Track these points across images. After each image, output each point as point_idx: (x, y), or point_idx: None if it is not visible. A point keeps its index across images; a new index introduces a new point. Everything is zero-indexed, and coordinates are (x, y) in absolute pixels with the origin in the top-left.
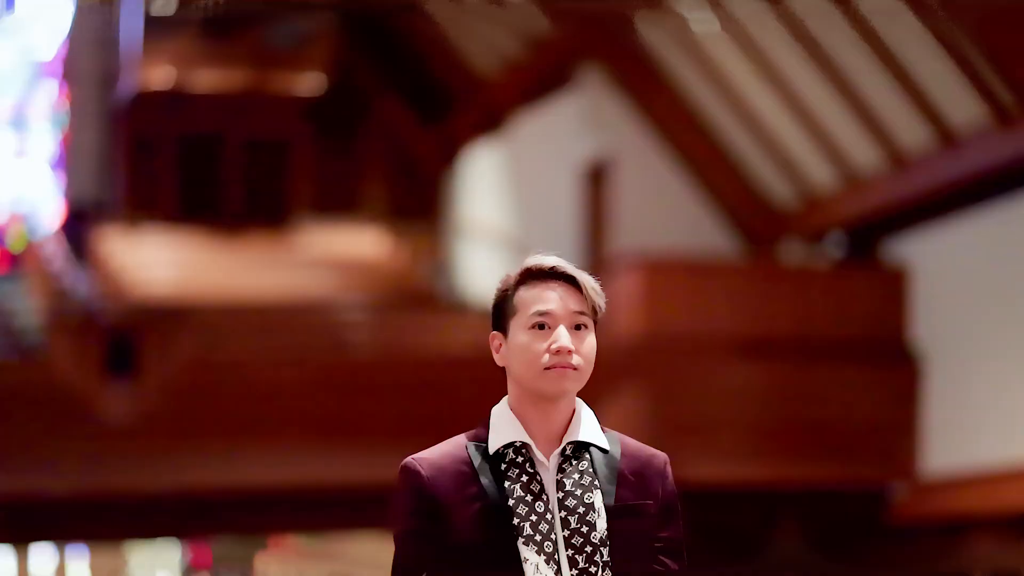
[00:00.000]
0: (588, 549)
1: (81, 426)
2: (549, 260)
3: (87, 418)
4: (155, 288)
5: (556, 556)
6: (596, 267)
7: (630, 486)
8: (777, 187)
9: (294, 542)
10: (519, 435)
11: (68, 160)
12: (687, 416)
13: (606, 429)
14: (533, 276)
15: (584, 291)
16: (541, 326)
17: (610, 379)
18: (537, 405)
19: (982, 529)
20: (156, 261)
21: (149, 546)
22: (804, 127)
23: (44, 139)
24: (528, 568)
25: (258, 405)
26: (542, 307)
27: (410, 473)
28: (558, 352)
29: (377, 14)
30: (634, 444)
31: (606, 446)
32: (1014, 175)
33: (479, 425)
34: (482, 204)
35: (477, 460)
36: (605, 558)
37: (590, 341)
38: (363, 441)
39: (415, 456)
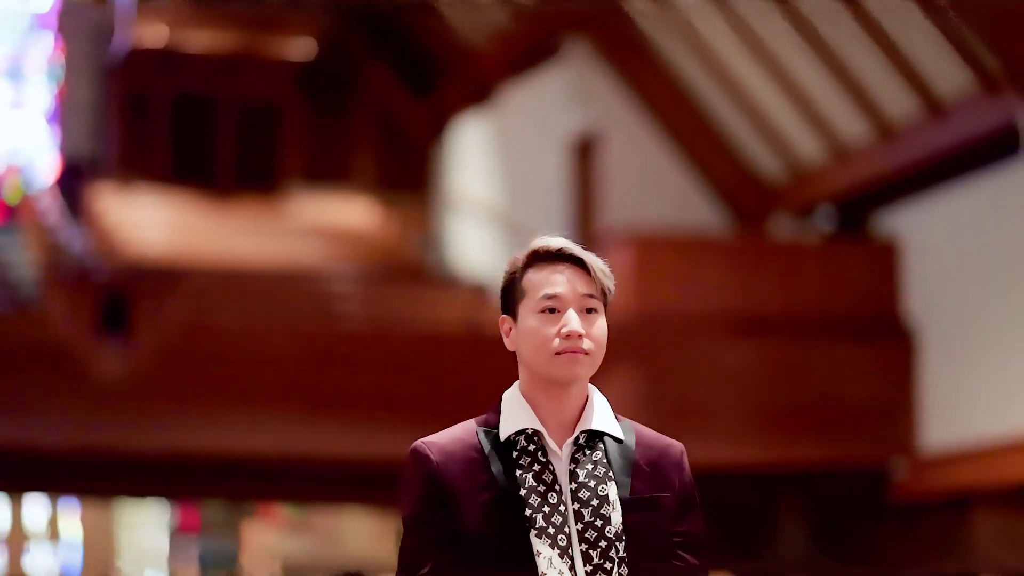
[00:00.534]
0: (603, 544)
1: (74, 382)
2: (556, 242)
3: (80, 374)
4: (147, 248)
5: (570, 550)
6: (585, 243)
7: (645, 477)
8: (765, 161)
9: (281, 511)
10: (531, 422)
11: (62, 115)
12: (679, 395)
13: (620, 417)
14: (540, 258)
15: (593, 273)
16: (551, 310)
17: (602, 360)
18: (548, 391)
19: (984, 503)
20: (148, 221)
21: (138, 505)
22: (791, 100)
23: (40, 91)
24: (541, 562)
25: (247, 371)
26: (551, 290)
27: (420, 457)
28: (568, 336)
29: None
30: (649, 433)
31: (620, 435)
32: (1003, 143)
33: (490, 410)
34: (471, 177)
35: (487, 447)
36: (621, 553)
37: (600, 324)
38: (349, 414)
39: (425, 440)
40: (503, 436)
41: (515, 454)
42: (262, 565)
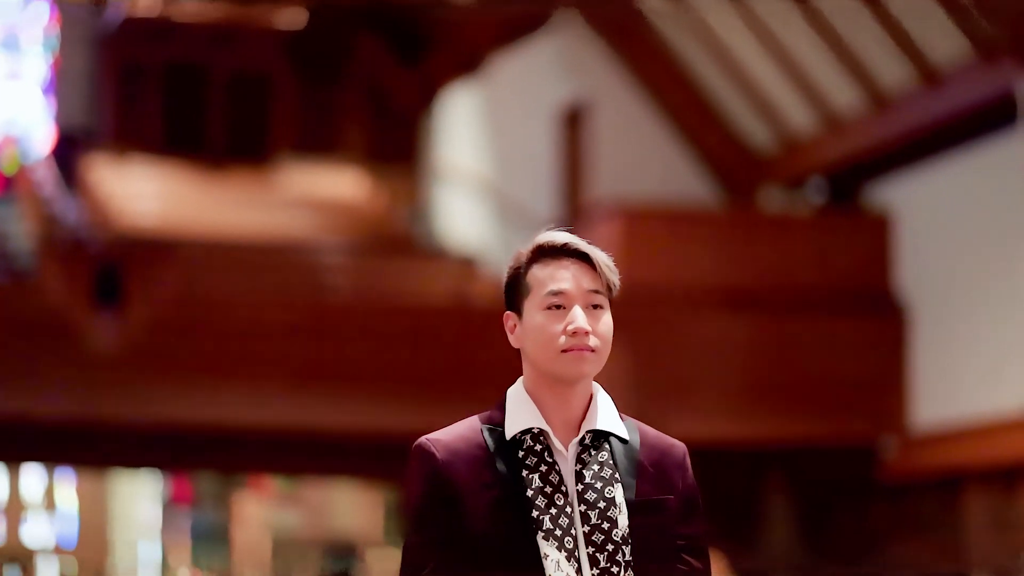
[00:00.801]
0: (610, 547)
1: (69, 352)
2: (561, 237)
3: (75, 345)
4: (140, 219)
5: (576, 553)
6: (573, 215)
7: (650, 479)
8: (756, 132)
9: (272, 483)
10: (537, 421)
11: (57, 85)
12: (667, 369)
13: (623, 416)
14: (545, 253)
15: (598, 268)
16: (556, 306)
17: None
18: (554, 389)
19: (974, 483)
20: (142, 192)
21: (132, 476)
22: (782, 69)
23: (36, 62)
24: (548, 564)
25: (238, 343)
26: (556, 286)
27: (424, 455)
28: (575, 334)
29: None
30: (652, 433)
31: (626, 436)
32: (1000, 112)
33: (494, 406)
34: (460, 148)
35: (493, 445)
36: (627, 557)
37: (606, 320)
38: (339, 386)
39: (429, 437)
40: (508, 435)
41: (521, 453)
42: (253, 537)
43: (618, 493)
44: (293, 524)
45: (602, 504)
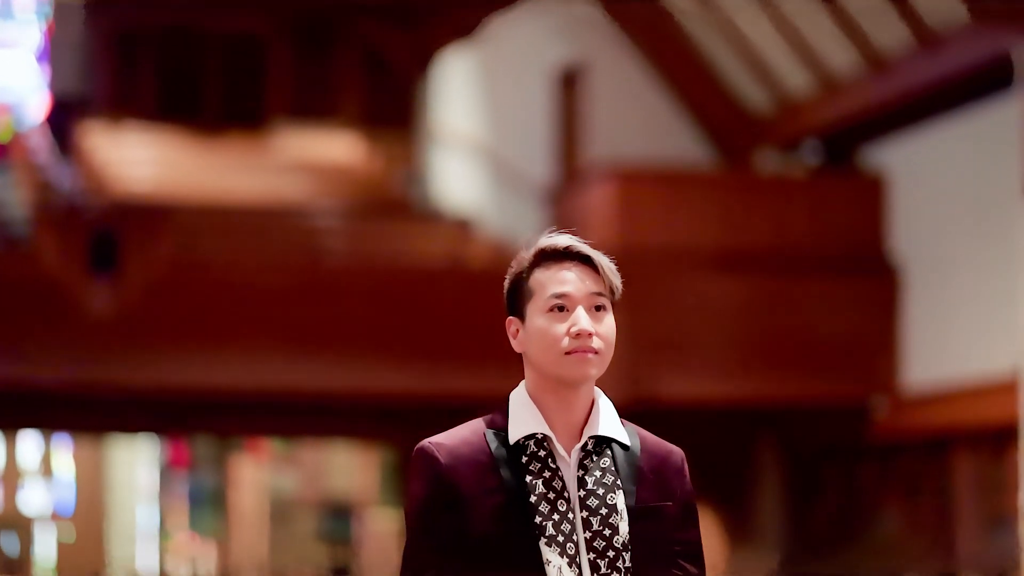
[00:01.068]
0: (611, 553)
1: (65, 319)
2: (563, 240)
3: (71, 311)
4: (136, 185)
5: (578, 558)
6: (569, 177)
7: (650, 486)
8: (751, 93)
9: (268, 445)
10: (540, 426)
11: (51, 52)
12: (663, 331)
13: (624, 421)
14: (547, 257)
15: (601, 271)
16: (560, 308)
17: None
18: (557, 392)
19: (963, 444)
20: (137, 158)
21: (129, 441)
22: (778, 31)
23: (30, 30)
24: (551, 570)
25: (234, 307)
26: (559, 289)
27: (427, 458)
28: (578, 335)
29: None
30: (651, 439)
31: (627, 441)
32: (994, 76)
33: (496, 410)
34: (455, 111)
35: (496, 450)
36: (627, 563)
37: (609, 322)
38: (335, 348)
39: (431, 440)
40: (512, 440)
41: (524, 459)
42: (250, 500)
43: (620, 500)
44: (290, 486)
45: (604, 511)
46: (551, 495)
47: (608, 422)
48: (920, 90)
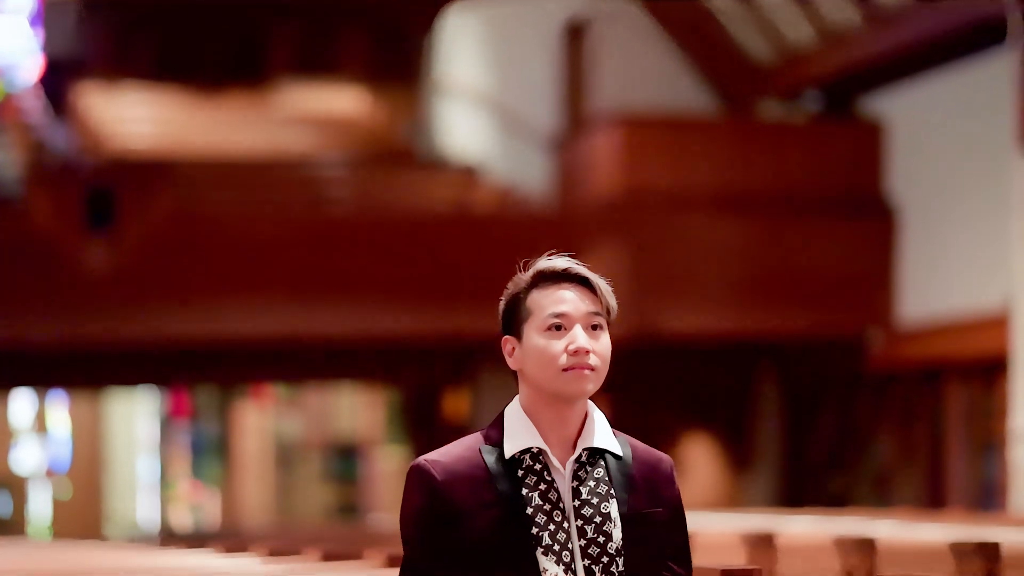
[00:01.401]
0: (605, 560)
1: (61, 276)
2: (561, 263)
3: (67, 269)
4: (134, 142)
5: (574, 566)
6: (575, 125)
7: (641, 493)
8: (754, 44)
9: (272, 391)
10: (535, 440)
11: (45, 14)
12: (666, 271)
13: (616, 431)
14: (545, 278)
15: (598, 292)
16: (557, 327)
17: (590, 236)
18: (553, 407)
19: (955, 375)
20: (135, 116)
21: (128, 394)
22: None
23: None
24: None
25: (237, 259)
26: (558, 308)
27: (424, 476)
28: (576, 352)
29: None
30: (642, 448)
31: (620, 452)
32: (989, 31)
33: (490, 426)
34: (462, 62)
35: (492, 465)
36: (620, 568)
37: (605, 341)
38: (340, 295)
39: (427, 458)
40: (508, 455)
41: (520, 472)
42: (255, 446)
43: (613, 508)
44: (295, 430)
45: (598, 519)
46: (547, 506)
47: (601, 434)
48: (918, 42)
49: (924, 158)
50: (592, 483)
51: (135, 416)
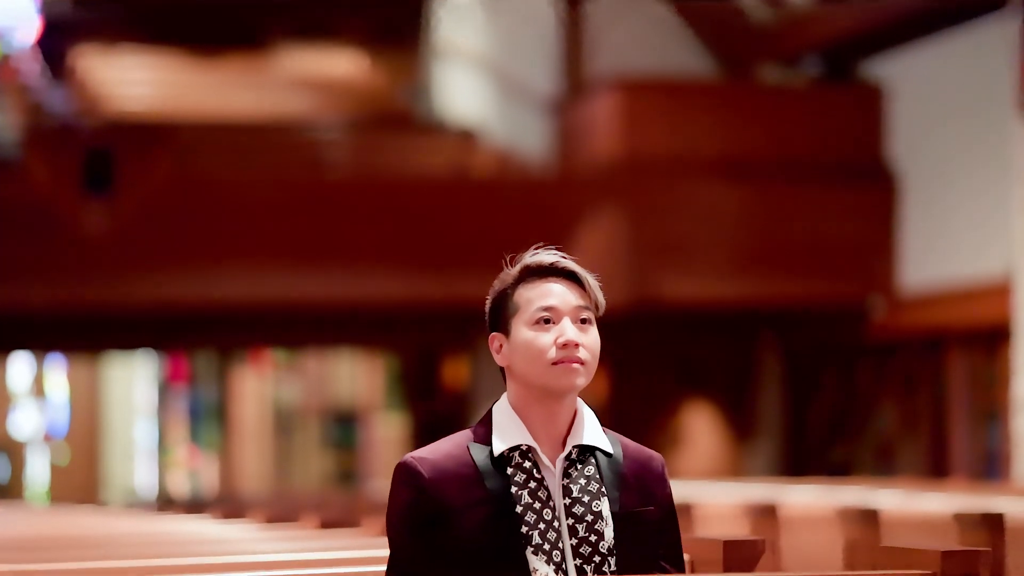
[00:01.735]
0: (596, 559)
1: (59, 239)
2: (548, 257)
3: (65, 232)
4: (132, 104)
5: (564, 566)
6: (574, 88)
7: (633, 491)
8: (755, 7)
9: (271, 356)
10: (524, 438)
11: None
12: (667, 236)
13: (606, 429)
14: (532, 273)
15: (586, 286)
16: (546, 321)
17: (590, 201)
18: (543, 403)
19: (957, 343)
20: (133, 79)
21: (126, 359)
22: None
23: None
24: None
25: (235, 223)
26: (546, 302)
27: (411, 474)
28: (565, 346)
29: None
30: (633, 446)
31: (610, 449)
32: None
33: (479, 423)
34: (461, 25)
35: (481, 462)
36: (612, 567)
37: (594, 334)
38: (339, 259)
39: (414, 455)
40: (497, 452)
41: (510, 470)
42: (253, 411)
43: (604, 506)
44: (294, 396)
45: (589, 517)
46: (537, 505)
47: (591, 431)
48: (920, 6)
49: (925, 122)
50: (583, 481)
51: (133, 381)
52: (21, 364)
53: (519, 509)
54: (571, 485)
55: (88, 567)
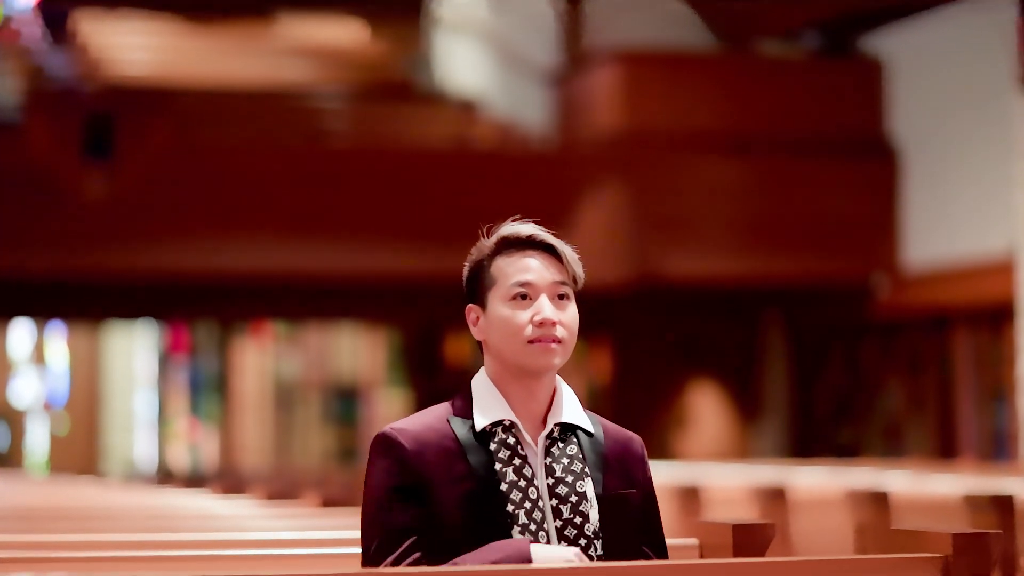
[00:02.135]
0: (582, 542)
1: (59, 205)
2: (526, 228)
3: (65, 198)
4: (133, 70)
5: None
6: (575, 61)
7: (615, 473)
8: None
9: (272, 328)
10: (506, 413)
11: None
12: (667, 212)
13: (585, 409)
14: (510, 245)
15: (564, 260)
16: (522, 296)
17: (591, 174)
18: (520, 381)
19: (962, 321)
20: (134, 44)
21: (127, 328)
22: None
23: None
24: None
25: (236, 191)
26: (522, 277)
27: (390, 444)
28: (542, 324)
29: None
30: (612, 427)
31: (591, 429)
32: None
33: (457, 397)
34: None
35: (463, 436)
36: (599, 551)
37: (572, 311)
38: (340, 231)
39: (393, 427)
40: (478, 427)
41: (493, 446)
42: (253, 384)
43: (588, 487)
44: (295, 369)
45: (574, 498)
46: (522, 483)
47: (571, 410)
48: None
49: (927, 97)
50: (565, 460)
51: (133, 351)
52: (21, 331)
53: (504, 487)
54: (554, 464)
55: (87, 539)
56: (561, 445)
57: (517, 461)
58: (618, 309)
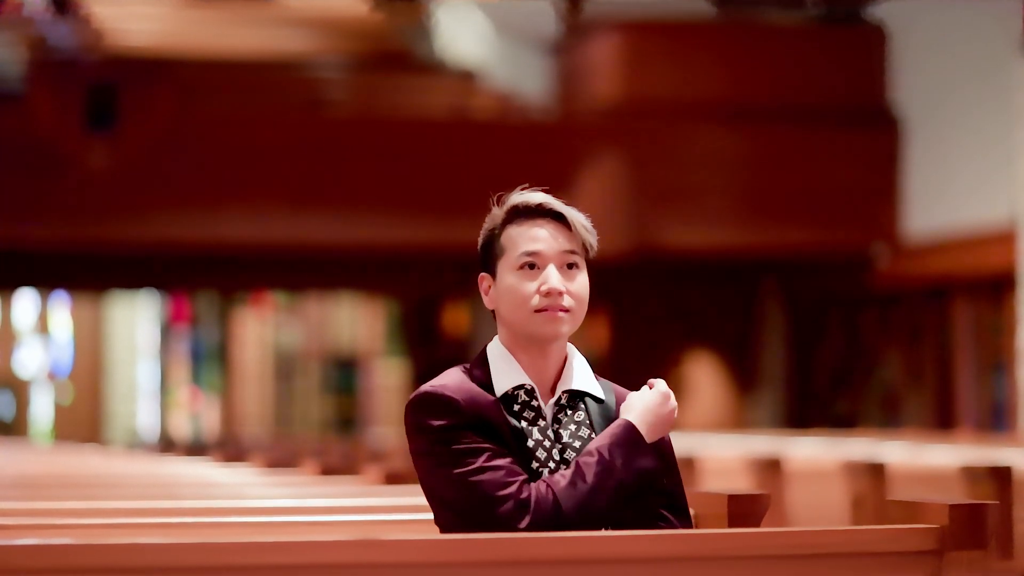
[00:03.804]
0: None
1: (62, 176)
2: (536, 197)
3: (68, 168)
4: (135, 40)
5: None
6: (575, 31)
7: None
8: None
9: (272, 298)
10: (524, 379)
11: None
12: (668, 181)
13: (598, 376)
14: (520, 214)
15: (574, 228)
16: (531, 266)
17: (590, 144)
18: (529, 349)
19: (962, 291)
20: (137, 15)
21: (129, 298)
22: None
23: None
24: None
25: (237, 161)
26: (531, 246)
27: (443, 399)
28: (548, 294)
29: None
30: (626, 393)
31: (601, 395)
32: None
33: (472, 364)
34: None
35: (493, 396)
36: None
37: (581, 280)
38: (340, 201)
39: (434, 385)
40: (499, 391)
41: (516, 407)
42: (254, 353)
43: None
44: (294, 339)
45: None
46: (546, 442)
47: (582, 377)
48: None
49: (929, 66)
50: (572, 427)
51: (136, 321)
52: (25, 302)
53: (531, 444)
54: (561, 431)
55: (90, 507)
56: (569, 412)
57: (542, 422)
58: (616, 279)
